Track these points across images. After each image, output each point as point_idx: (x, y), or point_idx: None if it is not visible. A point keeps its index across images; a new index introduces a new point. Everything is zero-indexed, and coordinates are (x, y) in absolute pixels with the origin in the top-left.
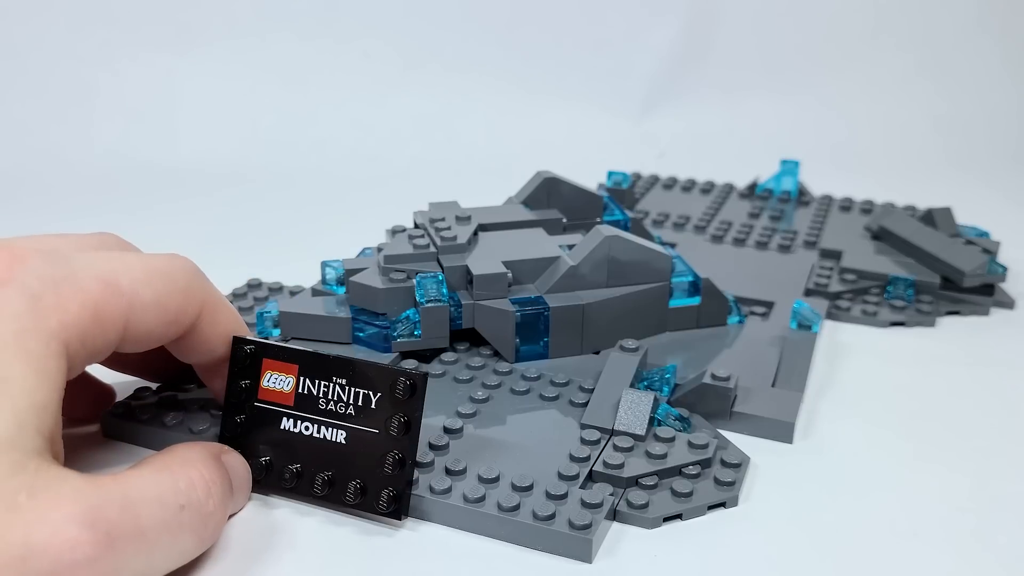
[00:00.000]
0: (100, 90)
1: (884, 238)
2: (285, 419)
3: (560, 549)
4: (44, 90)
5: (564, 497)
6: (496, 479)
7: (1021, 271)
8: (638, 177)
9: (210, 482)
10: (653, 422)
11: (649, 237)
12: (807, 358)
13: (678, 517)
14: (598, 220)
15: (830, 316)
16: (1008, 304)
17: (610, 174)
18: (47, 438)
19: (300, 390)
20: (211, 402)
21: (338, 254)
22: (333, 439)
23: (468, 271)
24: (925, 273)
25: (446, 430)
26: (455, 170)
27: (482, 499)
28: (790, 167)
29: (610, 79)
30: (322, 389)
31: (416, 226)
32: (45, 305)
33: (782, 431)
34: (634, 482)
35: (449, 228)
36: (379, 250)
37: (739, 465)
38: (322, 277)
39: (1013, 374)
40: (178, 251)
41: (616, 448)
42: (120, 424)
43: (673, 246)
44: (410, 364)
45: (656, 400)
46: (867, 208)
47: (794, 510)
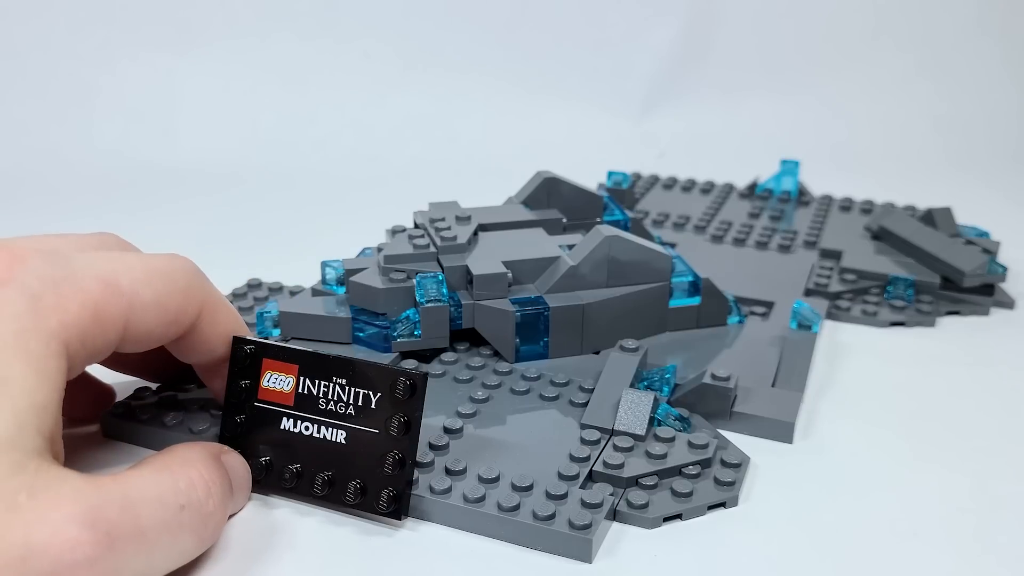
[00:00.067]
0: (100, 90)
1: (884, 238)
2: (285, 419)
3: (560, 549)
4: (44, 90)
5: (564, 497)
6: (496, 479)
7: (1021, 271)
8: (638, 177)
9: (210, 482)
10: (653, 422)
11: (649, 237)
12: (807, 358)
13: (678, 517)
14: (598, 220)
15: (830, 316)
16: (1008, 304)
17: (610, 174)
18: (47, 438)
19: (300, 390)
20: (211, 402)
21: (338, 254)
22: (333, 439)
23: (468, 271)
24: (925, 273)
25: (446, 430)
26: (455, 170)
27: (482, 499)
28: (790, 167)
29: (610, 79)
30: (322, 389)
31: (416, 226)
32: (45, 305)
33: (782, 431)
34: (634, 482)
35: (449, 228)
36: (379, 250)
37: (739, 465)
38: (322, 277)
39: (1013, 374)
40: (178, 251)
41: (616, 448)
42: (120, 424)
43: (673, 246)
44: (410, 364)
45: (656, 400)
46: (867, 208)
47: (794, 510)
